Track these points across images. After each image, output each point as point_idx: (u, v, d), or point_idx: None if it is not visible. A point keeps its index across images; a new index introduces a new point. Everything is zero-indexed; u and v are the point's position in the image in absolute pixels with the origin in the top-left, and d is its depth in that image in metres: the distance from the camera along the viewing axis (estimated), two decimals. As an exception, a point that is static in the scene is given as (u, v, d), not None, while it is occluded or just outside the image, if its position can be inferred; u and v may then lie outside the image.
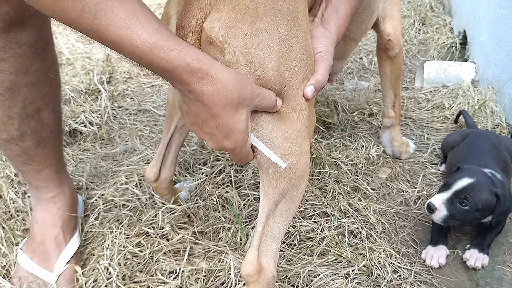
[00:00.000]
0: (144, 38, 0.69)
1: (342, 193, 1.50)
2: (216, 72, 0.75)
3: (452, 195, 1.29)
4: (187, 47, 0.73)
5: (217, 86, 0.75)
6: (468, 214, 1.27)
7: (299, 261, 1.27)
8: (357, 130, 1.85)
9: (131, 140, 1.80)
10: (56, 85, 1.19)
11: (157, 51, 0.70)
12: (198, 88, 0.75)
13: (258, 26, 0.80)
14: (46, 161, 1.22)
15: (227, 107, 0.77)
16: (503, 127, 1.81)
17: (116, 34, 0.68)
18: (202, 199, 1.46)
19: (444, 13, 2.83)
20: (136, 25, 0.68)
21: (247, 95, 0.79)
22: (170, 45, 0.70)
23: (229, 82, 0.76)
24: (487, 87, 2.02)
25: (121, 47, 0.70)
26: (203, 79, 0.74)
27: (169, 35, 0.72)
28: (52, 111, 1.18)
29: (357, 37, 1.43)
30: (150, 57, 0.70)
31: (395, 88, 1.64)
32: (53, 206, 1.27)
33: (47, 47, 1.11)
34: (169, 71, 0.73)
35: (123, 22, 0.67)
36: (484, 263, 1.28)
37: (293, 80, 0.86)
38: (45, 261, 1.24)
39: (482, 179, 1.30)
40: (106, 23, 0.67)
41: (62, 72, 2.18)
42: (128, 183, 1.52)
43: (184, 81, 0.74)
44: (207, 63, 0.74)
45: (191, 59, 0.72)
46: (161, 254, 1.27)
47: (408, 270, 1.27)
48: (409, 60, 2.45)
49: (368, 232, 1.37)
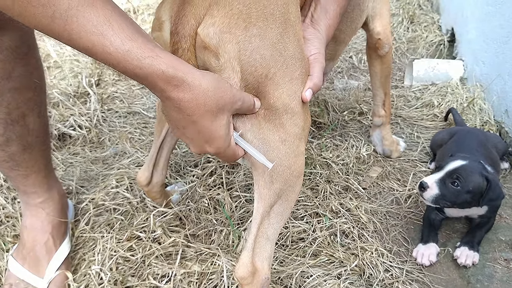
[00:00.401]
0: (117, 45, 0.67)
1: (333, 193, 1.51)
2: (192, 79, 0.73)
3: (444, 175, 1.29)
4: (162, 54, 0.71)
5: (194, 93, 0.74)
6: (459, 195, 1.28)
7: (292, 262, 1.28)
8: (347, 130, 1.86)
9: (121, 143, 1.79)
10: (41, 90, 1.18)
11: (130, 58, 0.68)
12: (175, 95, 0.74)
13: (251, 31, 0.81)
14: (34, 166, 1.21)
15: (205, 114, 0.77)
16: (491, 125, 1.82)
17: (89, 41, 0.66)
18: (193, 201, 1.45)
19: (432, 11, 2.85)
20: (109, 31, 0.67)
21: (227, 101, 0.78)
22: (144, 53, 0.69)
23: (206, 89, 0.75)
24: (475, 84, 2.03)
25: (94, 53, 0.68)
26: (179, 87, 0.73)
27: (144, 41, 0.70)
28: (37, 116, 1.17)
29: (347, 36, 1.43)
30: (124, 64, 0.69)
31: (385, 87, 1.64)
32: (42, 211, 1.26)
33: (29, 52, 1.10)
34: (144, 78, 0.71)
35: (95, 29, 0.66)
36: (474, 261, 1.29)
37: (288, 83, 0.86)
38: (36, 267, 1.23)
39: (474, 163, 1.31)
40: (78, 29, 0.65)
41: (50, 75, 2.16)
42: (118, 186, 1.52)
43: (160, 89, 0.73)
44: (183, 70, 0.73)
45: (165, 67, 0.71)
46: (153, 258, 1.27)
47: (399, 269, 1.28)
48: (398, 58, 2.46)
49: (360, 232, 1.38)
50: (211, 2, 0.82)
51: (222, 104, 0.78)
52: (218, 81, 0.78)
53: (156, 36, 0.92)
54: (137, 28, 0.72)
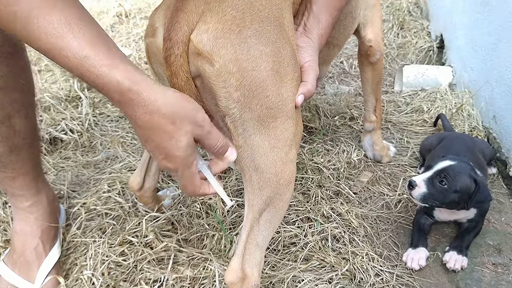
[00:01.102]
0: (75, 50, 0.66)
1: (324, 197, 1.52)
2: (148, 94, 0.71)
3: (433, 174, 1.32)
4: (121, 65, 0.70)
5: (148, 109, 0.72)
6: (447, 194, 1.29)
7: (283, 267, 1.28)
8: (338, 135, 1.87)
9: (113, 147, 1.79)
10: (28, 92, 1.17)
11: (87, 65, 0.67)
12: (129, 110, 0.72)
13: (246, 33, 0.82)
14: (21, 168, 1.20)
15: (160, 132, 0.75)
16: (479, 130, 1.85)
17: (48, 43, 0.66)
18: (185, 206, 1.46)
19: (421, 17, 2.89)
20: (68, 35, 0.66)
21: (186, 122, 0.76)
22: (101, 60, 0.67)
23: (163, 106, 0.73)
24: (464, 90, 2.06)
25: (52, 56, 0.67)
26: (133, 101, 0.71)
27: (104, 49, 0.68)
28: (24, 118, 1.15)
29: (340, 43, 1.45)
30: (81, 70, 0.68)
31: (376, 93, 1.67)
32: (30, 216, 1.25)
33: (16, 52, 1.08)
34: (100, 87, 0.70)
35: (55, 31, 0.65)
36: (463, 265, 1.31)
37: (284, 83, 0.87)
38: (26, 272, 1.22)
39: (463, 164, 1.33)
40: (38, 30, 0.65)
41: (42, 78, 2.15)
42: (110, 191, 1.52)
43: (115, 101, 0.71)
44: (140, 84, 0.70)
45: (121, 78, 0.69)
46: (145, 263, 1.27)
47: (390, 273, 1.29)
48: (388, 63, 2.48)
49: (351, 236, 1.39)
50: (204, 9, 0.83)
51: (180, 124, 0.75)
52: (180, 100, 0.76)
53: (149, 42, 0.93)
54: (102, 35, 0.70)
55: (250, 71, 0.82)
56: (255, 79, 0.83)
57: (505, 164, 1.66)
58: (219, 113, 0.88)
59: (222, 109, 0.85)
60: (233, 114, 0.85)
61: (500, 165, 1.69)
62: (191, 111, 0.78)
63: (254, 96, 0.84)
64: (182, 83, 0.85)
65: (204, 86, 0.86)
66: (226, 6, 0.83)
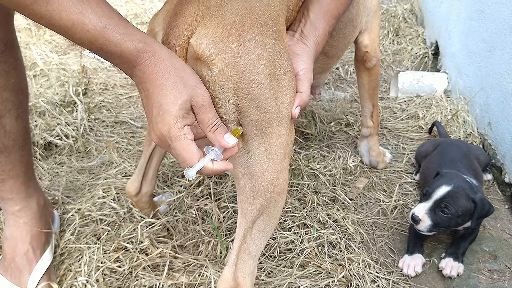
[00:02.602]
0: (95, 22, 0.71)
1: (320, 204, 1.52)
2: (160, 53, 0.77)
3: (433, 205, 1.31)
4: (136, 31, 0.76)
5: (157, 65, 0.77)
6: (451, 221, 1.31)
7: (280, 273, 1.28)
8: (334, 140, 1.88)
9: (108, 152, 1.78)
10: (20, 92, 1.15)
11: (107, 34, 0.72)
12: (142, 68, 0.77)
13: (245, 37, 0.82)
14: (11, 171, 1.19)
15: (161, 86, 0.77)
16: (475, 137, 1.86)
17: (69, 19, 0.70)
18: (181, 212, 1.45)
19: (416, 24, 2.90)
20: (87, 9, 0.71)
21: (187, 83, 0.78)
22: (120, 29, 0.73)
23: (169, 65, 0.77)
24: (459, 97, 2.07)
25: (72, 32, 0.72)
26: (146, 60, 0.76)
27: (119, 20, 0.75)
28: (15, 119, 1.14)
29: (340, 51, 1.43)
30: (101, 41, 0.73)
31: (372, 98, 1.67)
32: (19, 220, 1.24)
33: (6, 50, 1.08)
34: (118, 54, 0.75)
35: (75, 8, 0.70)
36: (459, 272, 1.31)
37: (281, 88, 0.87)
38: (18, 278, 1.21)
39: (460, 185, 1.32)
40: (58, 9, 0.69)
41: (37, 83, 2.14)
42: (105, 197, 1.51)
43: (131, 65, 0.77)
44: (153, 45, 0.77)
45: (137, 41, 0.75)
46: (140, 269, 1.26)
47: (386, 280, 1.29)
48: (384, 70, 2.49)
49: (347, 243, 1.39)
50: (204, 14, 0.83)
51: (180, 85, 0.78)
52: (186, 67, 0.80)
53: None
54: (112, 8, 0.76)
55: (248, 74, 0.82)
56: (253, 82, 0.83)
57: (500, 170, 1.67)
58: None
59: (221, 115, 0.85)
60: (232, 120, 0.85)
61: (496, 171, 1.70)
62: (194, 80, 0.79)
63: (252, 99, 0.84)
64: None
65: None
66: (226, 11, 0.83)
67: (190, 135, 0.78)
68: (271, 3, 0.88)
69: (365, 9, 1.41)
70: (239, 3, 0.84)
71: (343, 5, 1.04)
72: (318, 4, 1.01)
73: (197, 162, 0.78)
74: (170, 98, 0.77)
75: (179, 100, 0.77)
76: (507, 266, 1.36)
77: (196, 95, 0.78)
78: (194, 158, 0.78)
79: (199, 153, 0.78)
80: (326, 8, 1.02)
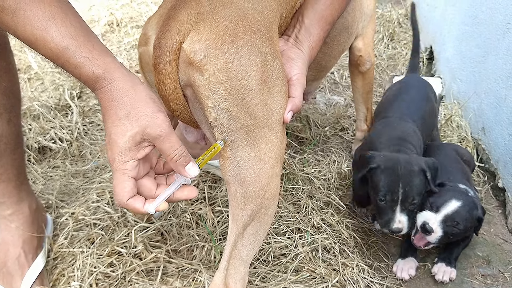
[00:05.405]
0: (58, 41, 0.72)
1: (315, 208, 1.52)
2: (119, 82, 0.77)
3: (444, 218, 1.28)
4: (99, 56, 0.75)
5: (113, 94, 0.77)
6: (459, 234, 1.30)
7: (274, 278, 1.28)
8: (329, 145, 1.88)
9: (102, 156, 1.77)
10: (12, 95, 1.15)
11: (67, 55, 0.73)
12: (98, 94, 0.78)
13: (238, 43, 0.82)
14: (2, 174, 1.19)
15: (112, 113, 0.77)
16: (468, 141, 1.86)
17: (32, 34, 0.71)
18: (175, 216, 1.45)
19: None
20: (52, 27, 0.71)
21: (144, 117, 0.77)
22: (81, 52, 0.74)
23: (125, 93, 0.77)
24: (453, 102, 2.08)
25: (36, 47, 0.73)
26: (104, 88, 0.77)
27: (84, 42, 0.74)
28: (7, 122, 1.14)
29: (333, 59, 1.43)
30: (62, 61, 0.74)
31: (367, 102, 1.68)
32: (10, 225, 1.23)
33: None
34: (77, 76, 0.75)
35: (40, 23, 0.71)
36: (451, 277, 1.31)
37: (272, 94, 0.87)
38: (9, 283, 1.21)
39: (467, 202, 1.30)
40: (23, 22, 0.70)
41: (31, 87, 2.13)
42: (99, 201, 1.50)
43: (91, 88, 0.77)
44: (113, 73, 0.76)
45: (97, 68, 0.75)
46: (134, 274, 1.26)
47: (380, 285, 1.29)
48: (378, 74, 2.50)
49: (341, 247, 1.39)
50: (197, 19, 0.83)
51: (134, 116, 0.77)
52: (145, 96, 0.79)
53: (142, 51, 0.93)
54: (83, 29, 0.76)
55: (239, 80, 0.83)
56: (244, 87, 0.83)
57: (494, 175, 1.67)
58: (207, 124, 0.88)
59: (210, 120, 0.85)
60: (221, 125, 0.85)
61: (489, 176, 1.70)
62: (152, 108, 0.78)
63: (243, 104, 0.84)
64: (169, 92, 0.85)
65: (194, 97, 0.86)
66: (219, 17, 0.83)
67: (132, 171, 0.79)
68: (265, 11, 0.89)
69: (361, 14, 1.41)
70: (233, 10, 0.84)
71: (337, 11, 1.05)
72: (312, 10, 1.02)
73: (125, 201, 0.79)
74: (120, 129, 0.77)
75: (128, 133, 0.77)
76: (501, 271, 1.36)
77: (150, 127, 0.78)
78: (123, 196, 0.79)
79: (132, 192, 0.79)
80: (321, 14, 1.02)
